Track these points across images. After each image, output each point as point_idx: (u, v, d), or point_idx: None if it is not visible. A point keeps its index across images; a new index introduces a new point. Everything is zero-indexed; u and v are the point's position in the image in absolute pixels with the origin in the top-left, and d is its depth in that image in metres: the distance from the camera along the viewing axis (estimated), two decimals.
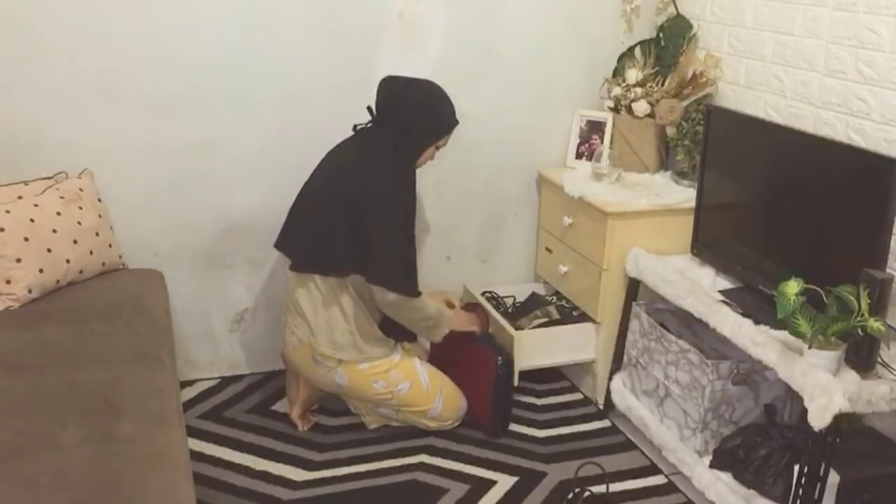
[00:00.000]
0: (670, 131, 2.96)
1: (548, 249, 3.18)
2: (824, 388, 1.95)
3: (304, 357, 2.58)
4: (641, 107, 2.98)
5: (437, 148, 2.58)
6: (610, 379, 2.88)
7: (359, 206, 2.39)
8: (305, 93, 2.85)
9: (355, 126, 2.57)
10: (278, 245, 2.63)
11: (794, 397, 2.43)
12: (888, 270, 2.10)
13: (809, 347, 2.02)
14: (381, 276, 2.43)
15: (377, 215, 2.40)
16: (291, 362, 2.72)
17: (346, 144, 2.57)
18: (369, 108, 2.52)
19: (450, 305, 2.81)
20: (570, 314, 3.02)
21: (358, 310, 2.51)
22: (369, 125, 2.54)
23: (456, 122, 2.55)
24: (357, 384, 2.57)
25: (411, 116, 2.47)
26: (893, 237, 2.08)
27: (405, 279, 2.47)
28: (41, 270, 2.37)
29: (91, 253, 2.52)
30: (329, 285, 2.49)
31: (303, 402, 2.75)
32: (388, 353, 2.58)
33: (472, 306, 2.93)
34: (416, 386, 2.60)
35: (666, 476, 2.58)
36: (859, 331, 1.96)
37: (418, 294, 2.50)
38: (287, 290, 2.65)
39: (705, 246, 2.68)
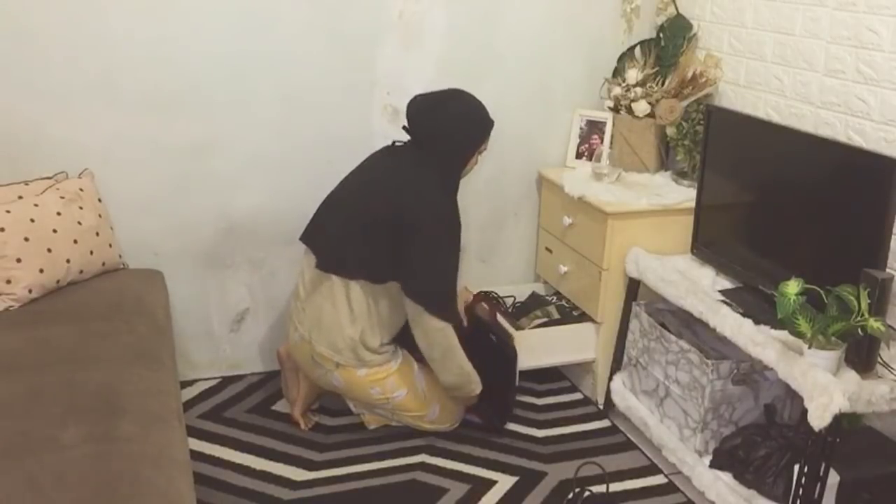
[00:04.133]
0: (670, 131, 2.96)
1: (548, 249, 3.18)
2: (824, 388, 1.95)
3: (304, 355, 2.58)
4: (641, 107, 2.98)
5: (480, 153, 2.59)
6: (610, 379, 2.88)
7: (406, 226, 2.38)
8: (305, 93, 2.85)
9: (394, 142, 2.60)
10: (304, 239, 2.60)
11: (794, 397, 2.44)
12: (888, 270, 2.10)
13: (809, 347, 2.02)
14: (424, 294, 2.41)
15: (428, 237, 2.39)
16: (291, 359, 2.72)
17: (388, 159, 2.56)
18: (405, 128, 2.53)
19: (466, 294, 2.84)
20: (570, 314, 3.02)
21: (369, 320, 2.49)
22: (408, 142, 2.55)
23: (492, 123, 2.56)
24: (353, 388, 2.57)
25: (452, 136, 2.48)
26: (893, 237, 2.08)
27: (448, 303, 2.46)
28: (41, 270, 2.37)
29: (91, 253, 2.52)
30: (347, 289, 2.47)
31: (304, 398, 2.75)
32: (387, 361, 2.56)
33: (480, 296, 2.91)
34: (412, 393, 2.60)
35: (666, 476, 2.58)
36: (859, 331, 1.96)
37: (458, 321, 2.51)
38: (298, 285, 2.64)
39: (705, 246, 2.68)
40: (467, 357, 2.57)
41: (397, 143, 2.61)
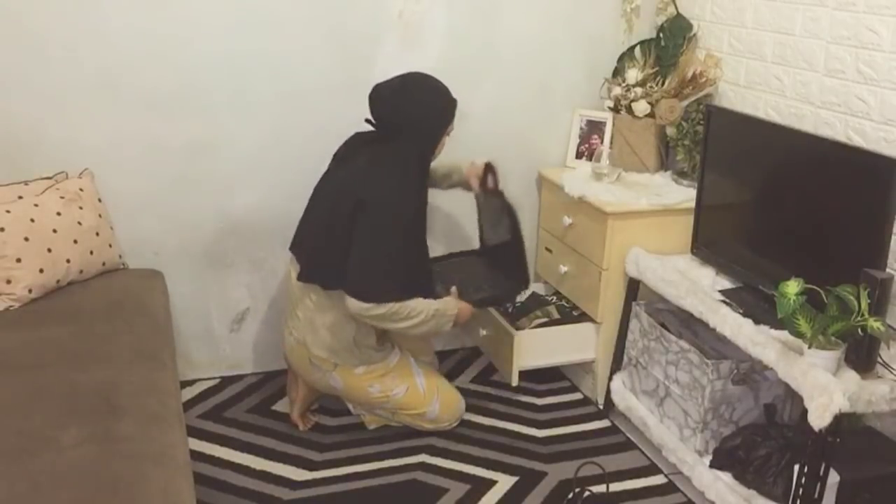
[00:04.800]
0: (670, 131, 2.97)
1: (548, 249, 3.18)
2: (824, 387, 1.95)
3: (301, 358, 2.58)
4: (641, 107, 2.98)
5: (447, 134, 2.55)
6: (610, 379, 2.88)
7: (358, 213, 2.36)
8: (305, 93, 2.85)
9: (357, 133, 2.57)
10: (292, 249, 2.62)
11: (794, 397, 2.43)
12: (888, 270, 2.10)
13: (809, 347, 2.02)
14: (351, 283, 2.35)
15: (368, 228, 2.35)
16: (290, 362, 2.73)
17: (354, 155, 2.53)
18: (368, 121, 2.49)
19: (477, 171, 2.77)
20: (570, 314, 3.02)
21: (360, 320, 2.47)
22: (374, 133, 2.51)
23: (456, 103, 2.52)
24: (352, 388, 2.57)
25: (416, 122, 2.43)
26: (893, 237, 2.08)
27: (377, 287, 2.35)
28: (41, 270, 2.38)
29: (91, 253, 2.52)
30: (330, 293, 2.46)
31: (303, 400, 2.75)
32: (384, 357, 2.57)
33: (488, 166, 2.81)
34: (412, 390, 2.60)
35: (666, 476, 2.58)
36: (859, 331, 1.96)
37: (393, 298, 2.36)
38: (289, 290, 2.64)
39: (705, 246, 2.68)
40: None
41: (360, 133, 2.56)
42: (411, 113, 2.43)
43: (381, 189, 2.38)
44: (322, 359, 2.52)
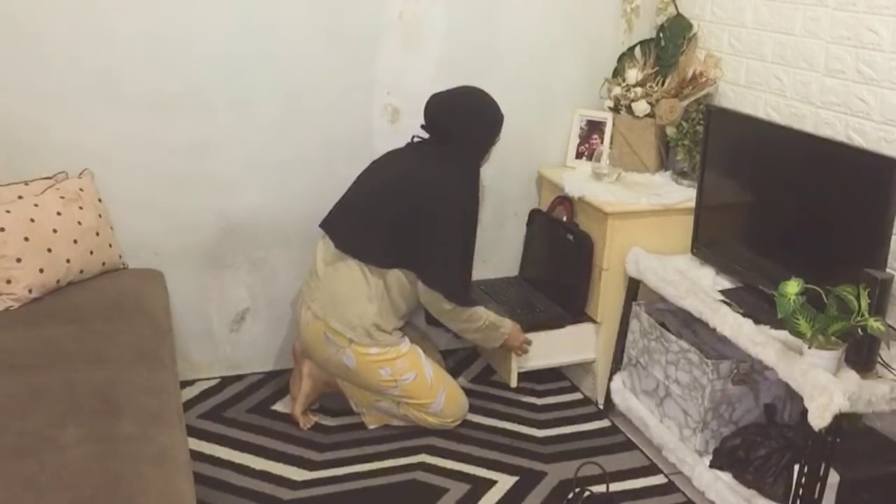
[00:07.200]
0: (670, 131, 2.97)
1: None
2: (824, 387, 1.95)
3: (316, 334, 2.59)
4: (641, 107, 2.98)
5: (493, 144, 2.71)
6: (610, 379, 2.89)
7: (423, 214, 2.49)
8: (305, 93, 2.85)
9: (413, 137, 2.69)
10: (323, 225, 2.68)
11: (794, 397, 2.43)
12: (888, 270, 2.10)
13: (809, 347, 2.02)
14: (439, 282, 2.53)
15: (443, 224, 2.50)
16: (301, 342, 2.74)
17: (411, 156, 2.66)
18: (423, 127, 2.62)
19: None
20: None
21: (385, 300, 2.56)
22: (428, 139, 2.65)
23: (503, 117, 2.67)
24: (363, 368, 2.58)
25: (469, 129, 2.60)
26: (893, 237, 2.08)
27: (461, 288, 2.59)
28: (41, 270, 2.37)
29: (91, 253, 2.52)
30: (363, 270, 2.55)
31: (305, 396, 2.75)
32: (397, 343, 2.61)
33: (558, 200, 3.01)
34: (420, 378, 2.62)
35: (666, 476, 2.58)
36: (859, 331, 1.97)
37: (472, 303, 2.60)
38: (312, 266, 2.68)
39: (705, 246, 2.68)
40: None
41: (416, 139, 2.69)
42: (462, 122, 2.59)
43: (451, 188, 2.54)
44: (338, 333, 2.54)
